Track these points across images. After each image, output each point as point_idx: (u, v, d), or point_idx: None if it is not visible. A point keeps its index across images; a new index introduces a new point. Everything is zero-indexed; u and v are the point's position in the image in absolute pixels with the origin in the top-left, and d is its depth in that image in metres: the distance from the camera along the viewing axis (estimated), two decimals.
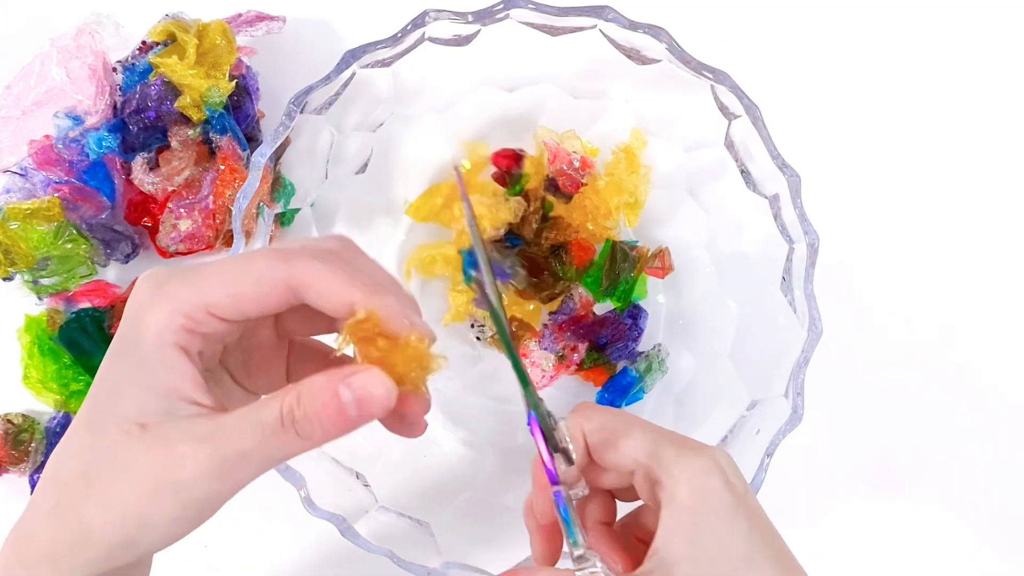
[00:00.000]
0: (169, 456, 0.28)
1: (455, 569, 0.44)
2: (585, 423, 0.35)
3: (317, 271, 0.29)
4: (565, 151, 0.50)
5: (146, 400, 0.29)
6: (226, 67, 0.52)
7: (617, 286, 0.52)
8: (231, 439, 0.28)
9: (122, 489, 0.28)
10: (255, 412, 0.29)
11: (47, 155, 0.52)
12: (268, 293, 0.29)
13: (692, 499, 0.32)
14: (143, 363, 0.29)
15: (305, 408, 0.28)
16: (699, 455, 0.33)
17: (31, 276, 0.52)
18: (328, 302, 0.29)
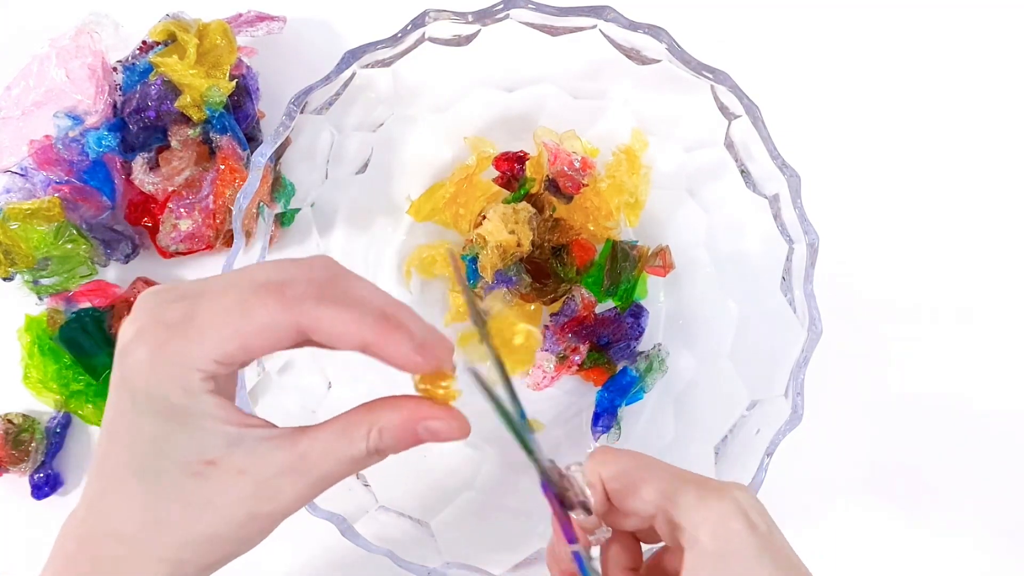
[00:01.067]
0: (261, 490, 0.29)
1: (455, 569, 0.44)
2: (603, 469, 0.34)
3: (324, 317, 0.29)
4: (565, 152, 0.50)
5: (201, 439, 0.29)
6: (226, 67, 0.52)
7: (619, 286, 0.52)
8: (324, 472, 0.30)
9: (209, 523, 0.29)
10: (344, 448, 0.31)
11: (47, 155, 0.52)
12: (277, 341, 0.29)
13: (715, 544, 0.31)
14: (181, 413, 0.29)
15: (388, 442, 0.31)
16: (721, 498, 0.32)
17: (31, 276, 0.52)
18: (337, 344, 0.30)
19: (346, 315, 0.29)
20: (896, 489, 0.55)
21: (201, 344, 0.29)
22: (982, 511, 0.55)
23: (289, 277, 0.30)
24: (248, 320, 0.29)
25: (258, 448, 0.30)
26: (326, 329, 0.29)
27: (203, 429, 0.29)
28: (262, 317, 0.29)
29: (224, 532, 0.30)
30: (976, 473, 0.55)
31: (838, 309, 0.48)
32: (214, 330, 0.29)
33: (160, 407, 0.29)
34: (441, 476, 0.52)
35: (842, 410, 0.54)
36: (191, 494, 0.29)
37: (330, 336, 0.29)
